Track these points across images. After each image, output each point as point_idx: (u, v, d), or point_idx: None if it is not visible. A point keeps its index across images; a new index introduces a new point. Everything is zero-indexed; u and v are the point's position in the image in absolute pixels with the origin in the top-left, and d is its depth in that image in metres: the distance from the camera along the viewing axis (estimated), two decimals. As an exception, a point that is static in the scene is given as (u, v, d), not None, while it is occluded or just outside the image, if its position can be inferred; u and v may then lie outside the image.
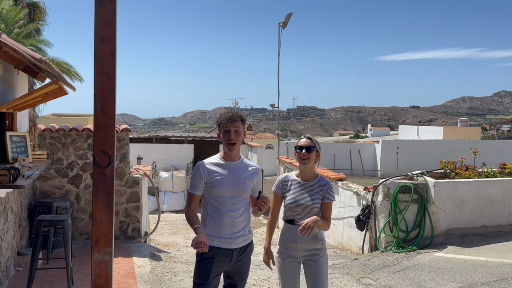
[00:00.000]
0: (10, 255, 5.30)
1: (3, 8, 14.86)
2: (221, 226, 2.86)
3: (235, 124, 2.86)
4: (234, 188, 2.88)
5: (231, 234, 2.88)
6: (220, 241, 2.86)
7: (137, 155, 16.90)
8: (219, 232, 2.86)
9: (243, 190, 2.92)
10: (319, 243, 3.16)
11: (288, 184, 3.22)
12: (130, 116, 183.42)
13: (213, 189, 2.86)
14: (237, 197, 2.90)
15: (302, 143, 3.17)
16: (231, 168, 2.91)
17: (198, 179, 2.88)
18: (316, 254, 3.15)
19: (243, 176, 2.93)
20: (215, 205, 2.87)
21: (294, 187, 3.20)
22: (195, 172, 2.90)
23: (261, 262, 7.20)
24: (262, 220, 13.77)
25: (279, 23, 13.96)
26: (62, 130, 7.30)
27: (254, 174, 2.99)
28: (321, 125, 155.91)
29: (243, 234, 2.94)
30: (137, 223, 7.58)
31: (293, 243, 3.14)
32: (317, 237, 3.14)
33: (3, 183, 3.78)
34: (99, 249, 2.87)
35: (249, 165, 3.01)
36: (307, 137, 3.22)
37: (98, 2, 2.78)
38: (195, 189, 2.90)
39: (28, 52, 3.63)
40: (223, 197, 2.86)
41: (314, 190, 3.15)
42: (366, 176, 21.49)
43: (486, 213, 6.92)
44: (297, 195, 3.15)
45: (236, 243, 2.90)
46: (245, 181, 2.92)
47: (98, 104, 2.83)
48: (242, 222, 2.94)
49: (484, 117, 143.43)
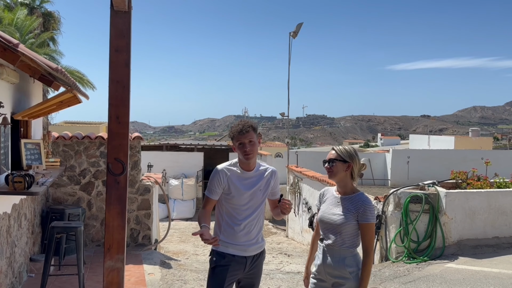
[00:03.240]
0: (23, 261, 5.36)
1: (18, 17, 15.16)
2: (236, 233, 2.87)
3: (247, 135, 2.83)
4: (251, 198, 2.89)
5: (246, 241, 2.88)
6: (235, 248, 2.87)
7: (148, 162, 16.98)
8: (234, 240, 2.87)
9: (260, 199, 2.93)
10: (345, 270, 2.69)
11: (325, 197, 2.93)
12: (140, 124, 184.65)
13: (231, 197, 2.87)
14: (254, 206, 2.91)
15: (327, 156, 2.87)
16: (248, 178, 2.91)
17: (216, 184, 2.87)
18: (339, 284, 2.71)
19: (260, 185, 2.93)
20: (232, 213, 2.89)
21: (328, 201, 2.88)
22: (214, 177, 2.89)
23: (271, 271, 7.18)
24: (272, 229, 13.74)
25: (289, 33, 14.02)
26: (75, 138, 7.39)
27: (270, 179, 2.98)
28: (330, 134, 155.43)
29: (256, 242, 2.94)
30: (148, 231, 7.62)
31: (321, 264, 2.81)
32: (345, 262, 2.70)
33: (18, 189, 3.85)
34: (111, 256, 2.90)
35: (265, 171, 2.98)
36: (333, 148, 2.91)
37: (113, 13, 2.83)
38: (212, 193, 2.89)
39: (44, 61, 3.71)
40: (240, 205, 2.88)
41: (348, 206, 2.74)
42: (376, 186, 21.34)
43: (499, 224, 6.84)
44: (324, 211, 2.84)
45: (250, 251, 2.91)
46: (262, 190, 2.93)
47: (112, 113, 2.88)
48: (256, 230, 2.95)
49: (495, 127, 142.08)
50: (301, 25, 14.01)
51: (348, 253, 2.71)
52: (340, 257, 2.71)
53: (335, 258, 2.72)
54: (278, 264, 8.45)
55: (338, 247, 2.72)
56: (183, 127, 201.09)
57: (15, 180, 3.84)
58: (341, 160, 2.77)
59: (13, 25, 14.84)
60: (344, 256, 2.71)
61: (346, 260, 2.70)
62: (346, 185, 2.80)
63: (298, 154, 22.44)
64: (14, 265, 4.86)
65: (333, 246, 2.73)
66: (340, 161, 2.77)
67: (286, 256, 9.47)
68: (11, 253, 4.73)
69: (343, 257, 2.70)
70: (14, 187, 3.84)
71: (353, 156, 2.78)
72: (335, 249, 2.73)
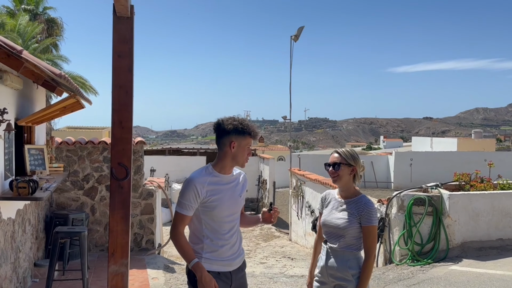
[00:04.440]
0: (27, 266, 5.38)
1: (21, 23, 15.25)
2: (221, 248, 2.55)
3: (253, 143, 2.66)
4: (233, 206, 2.59)
5: (231, 255, 2.59)
6: (219, 264, 2.55)
7: (150, 167, 17.03)
8: (219, 255, 2.55)
9: (240, 205, 2.65)
10: (348, 272, 2.67)
11: (327, 201, 2.87)
12: (143, 129, 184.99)
13: (213, 210, 2.50)
14: (235, 214, 2.63)
15: (330, 159, 2.79)
16: (227, 183, 2.58)
17: (193, 199, 2.46)
18: (341, 286, 2.70)
19: (238, 189, 2.64)
20: (213, 226, 2.53)
21: (331, 205, 2.83)
22: (189, 190, 2.47)
23: (274, 275, 7.18)
24: (275, 233, 13.71)
25: (291, 36, 14.06)
26: (79, 143, 7.42)
27: (245, 183, 2.70)
28: (333, 137, 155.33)
29: (240, 253, 2.67)
30: (151, 235, 7.63)
31: (324, 266, 2.78)
32: (348, 264, 2.68)
33: (23, 195, 3.87)
34: (115, 261, 2.91)
35: (239, 175, 2.69)
36: (336, 151, 2.83)
37: (116, 19, 2.86)
38: (187, 209, 2.48)
39: (47, 67, 3.74)
40: (223, 216, 2.54)
41: (351, 210, 2.71)
42: (379, 188, 21.32)
43: (503, 226, 6.82)
44: (328, 215, 2.80)
45: (235, 264, 2.63)
46: (241, 195, 2.65)
47: (115, 118, 2.89)
48: (239, 241, 2.67)
49: (498, 128, 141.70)
50: (302, 29, 14.06)
51: (351, 256, 2.70)
52: (343, 260, 2.69)
53: (338, 260, 2.70)
54: (282, 268, 8.44)
55: (341, 250, 2.70)
56: (186, 131, 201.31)
57: (19, 186, 3.87)
58: (346, 163, 2.73)
59: (15, 31, 14.94)
60: (348, 258, 2.69)
61: (349, 262, 2.69)
62: (349, 188, 2.77)
63: (301, 157, 22.46)
64: (18, 270, 4.87)
65: (336, 249, 2.73)
66: (346, 164, 2.73)
67: (289, 260, 9.45)
68: (16, 258, 4.74)
69: (346, 259, 2.69)
70: (18, 192, 3.87)
71: (356, 159, 2.76)
72: (338, 251, 2.72)
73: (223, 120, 2.55)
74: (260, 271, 7.73)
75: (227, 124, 2.52)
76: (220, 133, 2.54)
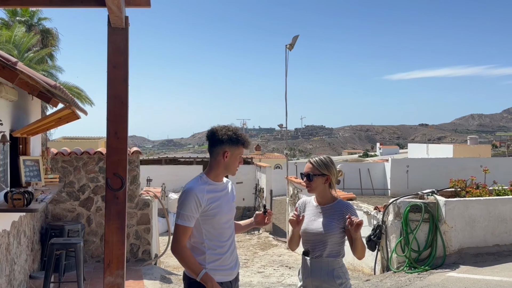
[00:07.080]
0: (23, 279, 5.33)
1: (16, 35, 15.29)
2: (223, 257, 2.53)
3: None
4: (230, 211, 2.60)
5: (231, 262, 2.58)
6: (221, 275, 2.52)
7: (147, 176, 16.98)
8: (222, 264, 2.52)
9: (234, 211, 2.66)
10: (335, 281, 2.66)
11: (305, 208, 2.86)
12: (139, 138, 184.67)
13: (213, 217, 2.48)
14: (232, 220, 2.64)
15: (304, 169, 2.81)
16: (222, 190, 2.59)
17: (194, 208, 2.42)
18: None
19: (230, 196, 2.64)
20: (214, 234, 2.51)
21: (309, 212, 2.82)
22: (190, 200, 2.42)
23: (272, 284, 7.15)
24: (272, 241, 13.68)
25: (286, 45, 14.16)
26: (74, 154, 7.40)
27: (233, 191, 2.71)
28: (329, 144, 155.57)
29: (237, 261, 2.67)
30: (148, 245, 7.59)
31: (307, 278, 2.73)
32: (334, 274, 2.68)
33: (18, 206, 3.85)
34: (111, 272, 2.90)
35: (227, 182, 2.69)
36: (309, 160, 2.83)
37: (111, 30, 2.88)
38: (190, 220, 2.42)
39: (43, 78, 3.74)
40: (222, 223, 2.53)
41: (330, 215, 2.73)
42: (376, 196, 21.33)
43: (499, 232, 6.83)
44: (308, 223, 2.77)
45: (235, 273, 2.62)
46: (233, 201, 2.67)
47: (111, 128, 2.90)
48: (235, 248, 2.68)
49: (494, 134, 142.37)
50: (297, 38, 14.16)
51: (336, 264, 2.70)
52: (329, 269, 2.68)
53: (323, 271, 2.68)
54: (279, 277, 8.40)
55: (326, 259, 2.70)
56: (182, 140, 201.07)
57: (14, 197, 3.85)
58: (320, 174, 2.75)
59: (11, 42, 14.96)
60: (333, 267, 2.69)
61: (335, 271, 2.69)
62: (325, 195, 2.80)
63: (298, 165, 22.48)
64: (13, 283, 4.83)
65: (320, 259, 2.71)
66: (319, 175, 2.75)
67: (287, 269, 9.42)
68: (11, 270, 4.70)
69: (332, 268, 2.68)
70: (13, 204, 3.84)
71: (330, 167, 2.77)
72: (323, 260, 2.70)
73: (217, 129, 2.54)
74: (258, 281, 7.69)
75: (221, 133, 2.51)
76: (214, 142, 2.53)
